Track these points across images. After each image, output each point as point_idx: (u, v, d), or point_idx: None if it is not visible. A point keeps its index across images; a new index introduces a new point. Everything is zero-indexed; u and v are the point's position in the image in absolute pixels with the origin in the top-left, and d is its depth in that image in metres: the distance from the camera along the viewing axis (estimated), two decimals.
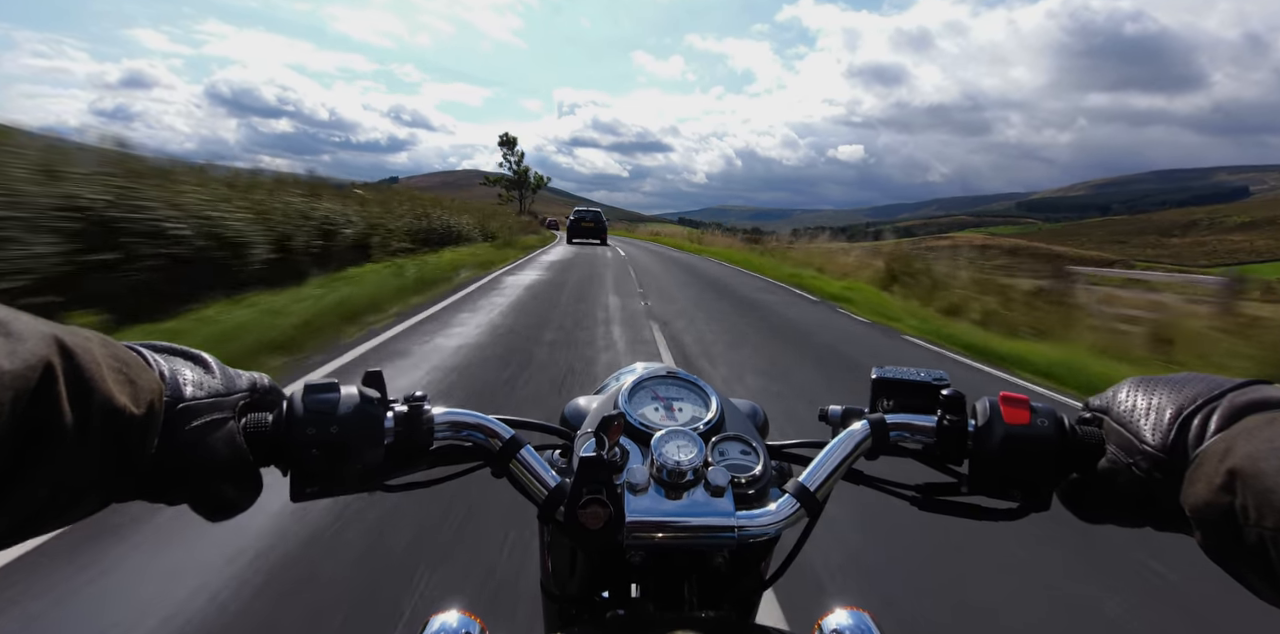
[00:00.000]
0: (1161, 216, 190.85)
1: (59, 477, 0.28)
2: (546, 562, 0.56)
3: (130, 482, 0.33)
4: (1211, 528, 0.32)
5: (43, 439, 0.27)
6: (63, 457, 0.28)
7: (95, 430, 0.29)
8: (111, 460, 0.31)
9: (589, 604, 0.49)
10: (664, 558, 0.45)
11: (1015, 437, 0.42)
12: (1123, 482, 0.38)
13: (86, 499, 0.31)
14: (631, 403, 0.51)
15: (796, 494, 0.44)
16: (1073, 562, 2.05)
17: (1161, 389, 0.39)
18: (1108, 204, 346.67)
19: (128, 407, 0.31)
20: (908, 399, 0.49)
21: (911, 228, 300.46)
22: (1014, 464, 0.42)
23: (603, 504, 0.39)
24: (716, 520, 0.41)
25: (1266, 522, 0.28)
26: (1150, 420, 0.37)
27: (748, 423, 0.52)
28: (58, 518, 0.30)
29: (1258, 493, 0.28)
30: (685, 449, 0.44)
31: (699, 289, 10.21)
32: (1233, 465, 0.30)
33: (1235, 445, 0.31)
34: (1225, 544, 0.31)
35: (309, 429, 0.39)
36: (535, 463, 0.45)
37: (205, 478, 0.36)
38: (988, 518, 0.45)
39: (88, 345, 0.30)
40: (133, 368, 0.33)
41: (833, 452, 0.46)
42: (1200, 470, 0.33)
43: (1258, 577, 0.30)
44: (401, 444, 0.43)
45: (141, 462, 0.33)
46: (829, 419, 0.51)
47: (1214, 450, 0.33)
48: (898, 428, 0.46)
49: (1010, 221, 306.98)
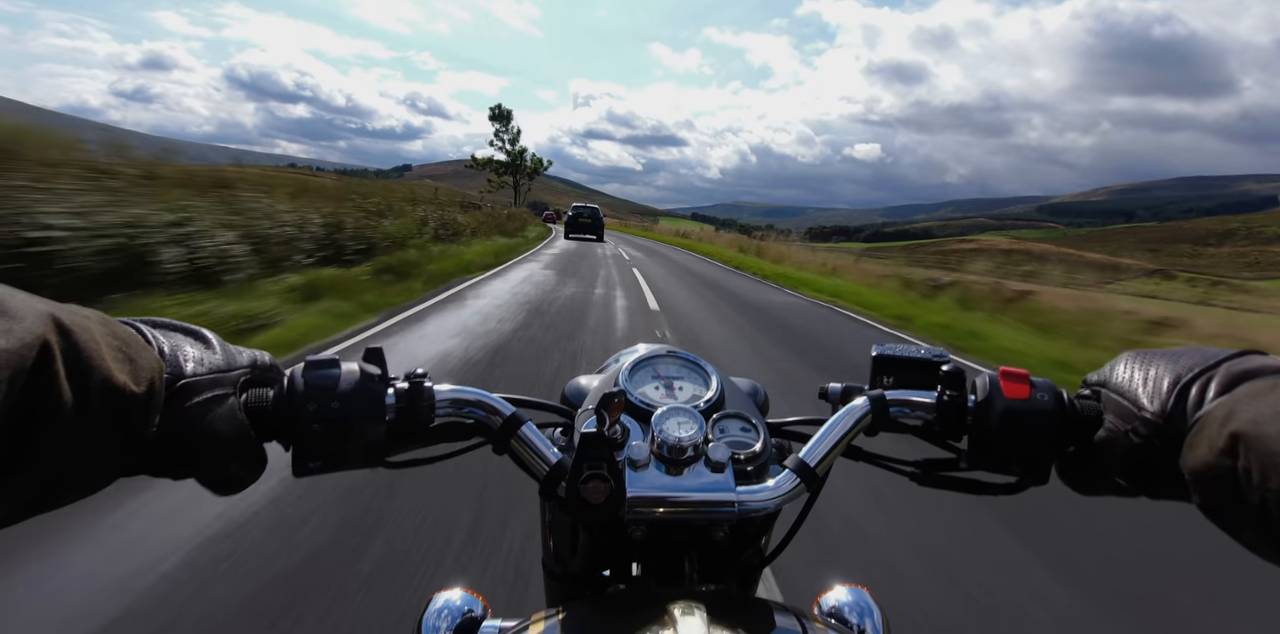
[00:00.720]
0: (1194, 225, 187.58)
1: (61, 455, 0.28)
2: (548, 540, 0.56)
3: (134, 457, 0.33)
4: (1212, 491, 0.32)
5: (42, 418, 0.27)
6: (63, 435, 0.28)
7: (95, 409, 0.29)
8: (116, 438, 0.31)
9: (590, 581, 0.49)
10: (665, 534, 0.46)
11: (1015, 411, 0.42)
12: (1120, 450, 0.38)
13: (91, 476, 0.31)
14: (632, 381, 0.52)
15: (796, 470, 0.44)
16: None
17: (1158, 360, 0.39)
18: (1130, 210, 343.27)
19: (128, 385, 0.31)
20: (907, 376, 0.49)
21: (930, 229, 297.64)
22: (1013, 439, 0.42)
23: (604, 479, 0.39)
24: (716, 496, 0.42)
25: (1271, 483, 0.28)
26: (1148, 389, 0.38)
27: (748, 401, 0.53)
28: (64, 495, 0.30)
29: (1262, 456, 0.29)
30: (686, 426, 0.44)
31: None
32: (1235, 429, 0.31)
33: (1237, 410, 0.32)
34: (1227, 506, 0.32)
35: (310, 405, 0.39)
36: (536, 440, 0.45)
37: (209, 453, 0.36)
38: (986, 492, 0.46)
39: (86, 324, 0.30)
40: (132, 346, 0.33)
41: (832, 428, 0.46)
42: (1202, 435, 0.33)
43: (1259, 537, 0.31)
44: (403, 420, 0.43)
45: (144, 439, 0.33)
46: (829, 396, 0.51)
47: (1215, 415, 0.33)
48: (897, 404, 0.46)
49: (1032, 225, 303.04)
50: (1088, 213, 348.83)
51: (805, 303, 9.40)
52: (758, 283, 12.44)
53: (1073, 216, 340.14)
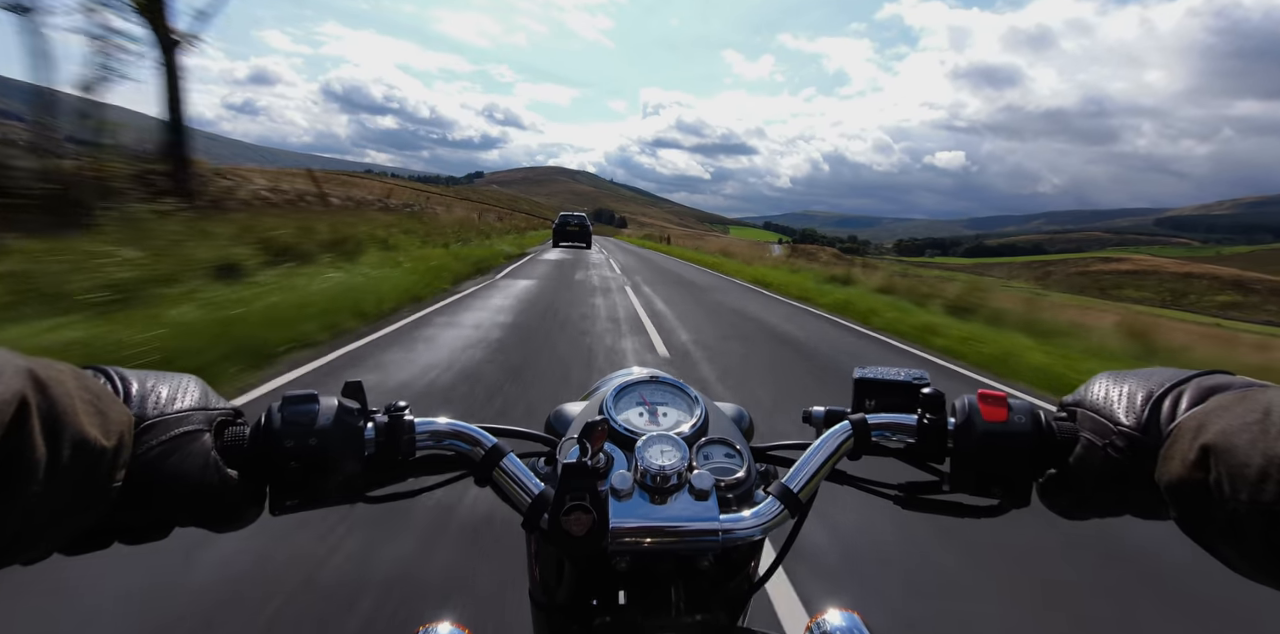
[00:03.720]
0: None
1: (24, 511, 0.28)
2: (534, 570, 0.55)
3: (104, 505, 0.32)
4: (1187, 505, 0.32)
5: (14, 474, 0.27)
6: (33, 490, 0.27)
7: (65, 464, 0.29)
8: (83, 491, 0.31)
9: (577, 612, 0.48)
10: (650, 563, 0.45)
11: (992, 434, 0.42)
12: (1098, 466, 0.39)
13: (56, 529, 0.30)
14: (617, 408, 0.52)
15: (780, 496, 0.44)
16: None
17: (1131, 379, 0.40)
18: (1257, 225, 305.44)
19: (98, 439, 0.31)
20: (889, 398, 0.49)
21: (1039, 243, 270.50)
22: (992, 461, 0.42)
23: (586, 510, 0.39)
24: (700, 524, 0.41)
25: (1241, 496, 0.29)
26: (1123, 404, 0.39)
27: (732, 426, 0.53)
28: (28, 549, 0.30)
29: (1231, 467, 0.29)
30: (669, 454, 0.44)
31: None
32: (1206, 441, 0.31)
33: (1208, 422, 0.32)
34: (1201, 520, 0.32)
35: (287, 441, 0.39)
36: (518, 471, 0.44)
37: (178, 492, 0.35)
38: (969, 515, 0.46)
39: (60, 378, 0.30)
40: (103, 399, 0.33)
41: (815, 453, 0.46)
42: (1175, 447, 0.33)
43: (1233, 551, 0.31)
44: (383, 455, 0.43)
45: (110, 490, 0.32)
46: (812, 420, 0.51)
47: (1187, 427, 0.33)
48: (879, 428, 0.47)
49: (1156, 241, 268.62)
50: (1219, 228, 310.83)
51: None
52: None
53: (1200, 232, 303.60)
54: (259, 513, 0.40)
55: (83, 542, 0.34)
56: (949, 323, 8.13)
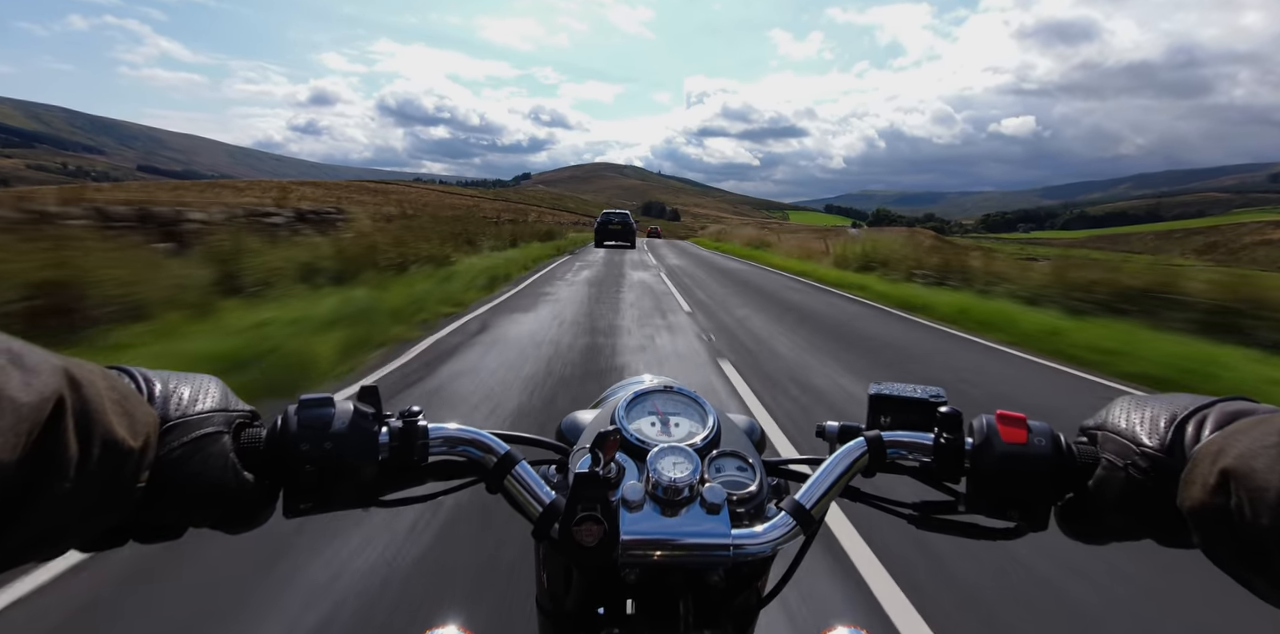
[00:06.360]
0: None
1: (59, 507, 0.29)
2: (542, 577, 0.54)
3: (127, 505, 0.33)
4: (1210, 530, 0.32)
5: (48, 471, 0.27)
6: (64, 488, 0.28)
7: (94, 462, 0.29)
8: (110, 491, 0.31)
9: (584, 621, 0.48)
10: (659, 575, 0.45)
11: (1012, 457, 0.42)
12: (1119, 488, 0.38)
13: (82, 526, 0.31)
14: (629, 417, 0.51)
15: (792, 512, 0.44)
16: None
17: (1153, 403, 0.40)
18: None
19: (126, 439, 0.31)
20: (905, 415, 0.48)
21: (1154, 209, 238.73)
22: (1010, 484, 0.42)
23: (597, 521, 0.39)
24: (711, 539, 0.41)
25: (1261, 520, 0.28)
26: (1146, 427, 0.38)
27: (745, 439, 0.52)
28: (54, 547, 0.30)
29: (1250, 492, 0.29)
30: (681, 466, 0.44)
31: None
32: (1225, 466, 0.31)
33: (1227, 446, 0.32)
34: (1224, 546, 0.31)
35: (302, 445, 0.39)
36: (530, 479, 0.44)
37: (199, 492, 0.36)
38: (985, 537, 0.45)
39: (92, 378, 0.31)
40: (130, 400, 0.33)
41: (829, 469, 0.45)
42: (1195, 472, 0.33)
43: (1259, 578, 0.30)
44: (396, 460, 0.43)
45: (135, 490, 0.33)
46: (826, 436, 0.51)
47: (1208, 451, 0.33)
48: (895, 445, 0.46)
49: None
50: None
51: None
52: None
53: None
54: (270, 515, 0.40)
55: (100, 540, 0.34)
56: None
